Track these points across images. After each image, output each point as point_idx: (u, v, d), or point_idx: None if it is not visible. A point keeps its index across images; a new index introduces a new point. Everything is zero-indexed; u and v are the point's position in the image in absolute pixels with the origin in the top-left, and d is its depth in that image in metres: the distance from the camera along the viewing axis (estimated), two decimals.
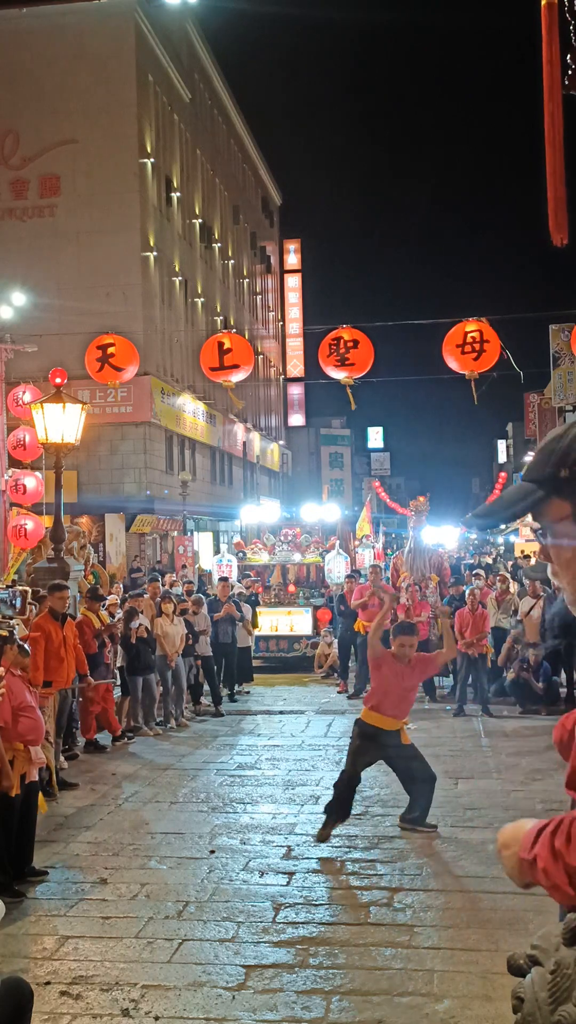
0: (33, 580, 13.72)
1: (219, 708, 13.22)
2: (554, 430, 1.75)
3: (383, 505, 34.59)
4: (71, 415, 12.46)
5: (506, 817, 7.77)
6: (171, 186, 34.14)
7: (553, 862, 1.62)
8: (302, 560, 18.46)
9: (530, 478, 1.74)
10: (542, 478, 1.70)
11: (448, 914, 5.92)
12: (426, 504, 16.74)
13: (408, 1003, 4.81)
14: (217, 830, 7.70)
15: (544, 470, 1.70)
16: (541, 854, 1.65)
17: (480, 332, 12.78)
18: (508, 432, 74.19)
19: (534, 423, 44.51)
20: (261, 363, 46.56)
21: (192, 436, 35.40)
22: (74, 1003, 4.89)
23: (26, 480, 17.02)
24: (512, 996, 1.62)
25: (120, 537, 29.04)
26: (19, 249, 29.59)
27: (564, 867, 1.60)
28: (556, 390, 34.29)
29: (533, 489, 1.72)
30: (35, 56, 30.24)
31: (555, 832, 1.64)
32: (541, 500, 1.71)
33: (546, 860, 1.63)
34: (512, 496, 1.77)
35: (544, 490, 1.70)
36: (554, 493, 1.69)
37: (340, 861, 6.99)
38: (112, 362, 14.48)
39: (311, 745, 10.96)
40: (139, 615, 11.89)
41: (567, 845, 1.61)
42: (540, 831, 1.68)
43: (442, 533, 32.14)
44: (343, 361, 13.24)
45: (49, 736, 8.82)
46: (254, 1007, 4.82)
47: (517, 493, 1.76)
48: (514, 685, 12.84)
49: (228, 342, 13.66)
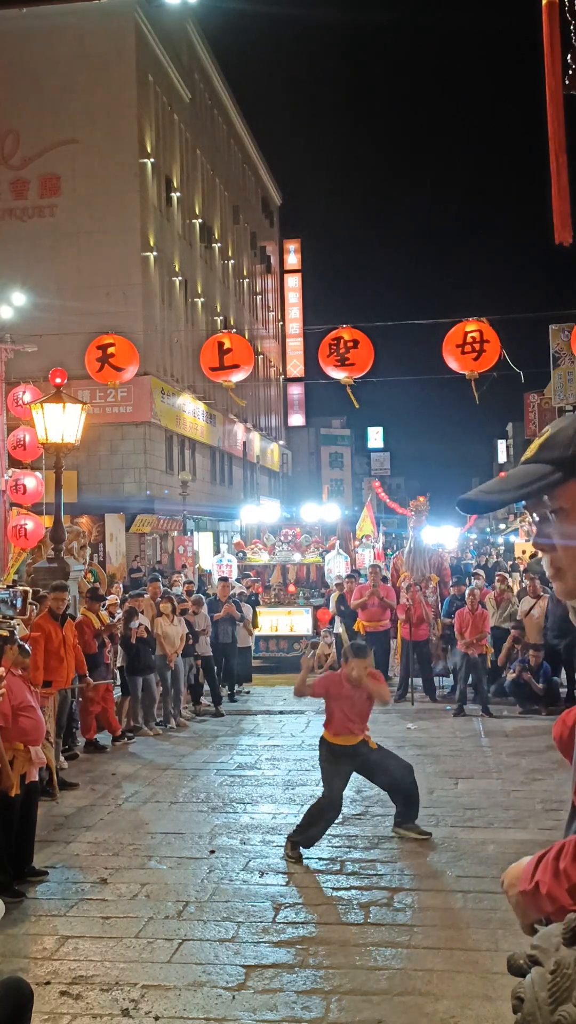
0: (33, 580, 13.71)
1: (219, 708, 13.22)
2: (573, 413, 1.68)
3: (383, 505, 34.54)
4: (71, 415, 12.46)
5: (506, 817, 7.79)
6: (171, 186, 34.14)
7: (557, 884, 1.59)
8: (302, 560, 18.46)
9: (544, 459, 1.63)
10: (561, 458, 1.59)
11: (448, 914, 5.92)
12: (426, 504, 16.73)
13: (408, 1003, 4.81)
14: (217, 830, 7.70)
15: (566, 450, 1.59)
16: (543, 880, 1.62)
17: (480, 332, 12.78)
18: (508, 432, 74.21)
19: (534, 423, 44.53)
20: (261, 363, 46.56)
21: (192, 436, 35.40)
22: (74, 1003, 4.89)
23: (26, 480, 17.02)
24: (512, 996, 1.61)
25: (120, 537, 29.05)
26: (19, 249, 29.60)
27: (569, 887, 1.58)
28: (556, 390, 34.30)
29: (549, 471, 1.60)
30: (35, 56, 30.25)
31: (558, 855, 1.62)
32: (557, 482, 1.60)
33: (549, 884, 1.61)
34: (523, 476, 1.63)
35: (563, 471, 1.59)
36: (573, 476, 1.58)
37: (340, 861, 6.99)
38: (112, 362, 14.48)
39: (311, 745, 10.93)
40: (139, 615, 11.89)
41: (573, 864, 1.59)
42: (539, 860, 1.66)
43: (442, 533, 32.11)
44: (343, 361, 13.23)
45: (49, 736, 8.82)
46: (254, 1007, 4.82)
47: (530, 473, 1.62)
48: (514, 685, 12.83)
49: (228, 342, 13.65)
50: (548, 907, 1.62)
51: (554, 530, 1.65)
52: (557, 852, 1.63)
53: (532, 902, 1.66)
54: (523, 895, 1.68)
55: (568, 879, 1.59)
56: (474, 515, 25.54)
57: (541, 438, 1.66)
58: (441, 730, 11.69)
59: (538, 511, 1.67)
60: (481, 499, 1.71)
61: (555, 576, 1.69)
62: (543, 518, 1.67)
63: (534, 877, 1.65)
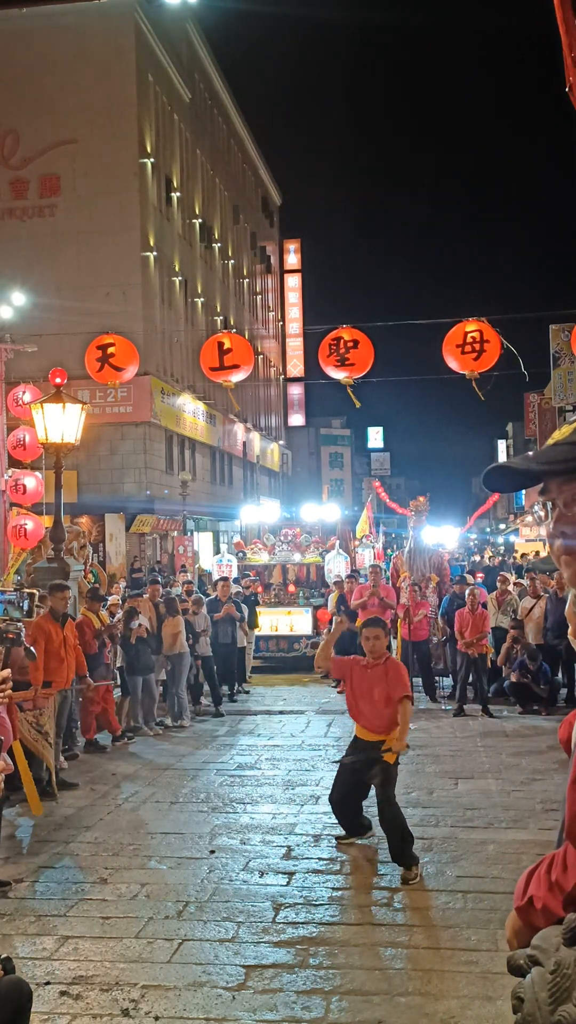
0: (33, 580, 13.71)
1: (219, 708, 13.22)
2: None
3: (383, 505, 34.50)
4: (71, 415, 12.46)
5: (506, 817, 7.78)
6: (171, 186, 34.13)
7: (552, 896, 1.59)
8: (302, 560, 18.46)
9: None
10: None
11: (448, 914, 5.92)
12: (426, 504, 16.73)
13: (408, 1003, 4.80)
14: (217, 830, 7.70)
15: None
16: (537, 894, 1.62)
17: (480, 332, 12.76)
18: (508, 432, 74.20)
19: (534, 423, 44.55)
20: (261, 363, 46.55)
21: (192, 436, 35.40)
22: (74, 1003, 4.89)
23: (26, 480, 17.00)
24: (512, 996, 1.61)
25: (120, 537, 29.04)
26: (19, 249, 29.58)
27: (565, 899, 1.58)
28: (556, 390, 34.31)
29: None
30: (35, 56, 30.24)
31: (549, 868, 1.61)
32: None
33: (544, 897, 1.60)
34: (565, 453, 1.56)
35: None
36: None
37: (340, 861, 6.99)
38: (112, 362, 14.46)
39: (311, 745, 10.96)
40: (139, 615, 11.89)
41: (564, 874, 1.58)
42: (530, 876, 1.66)
43: (442, 533, 32.11)
44: (343, 361, 13.22)
45: (49, 737, 8.82)
46: (254, 1007, 4.82)
47: (571, 451, 1.55)
48: (514, 686, 12.84)
49: (228, 342, 13.64)
50: (542, 922, 1.61)
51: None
52: (548, 865, 1.62)
53: (526, 918, 1.65)
54: (517, 912, 1.67)
55: (562, 890, 1.58)
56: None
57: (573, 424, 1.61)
58: (441, 730, 11.69)
59: (565, 495, 1.61)
60: (520, 467, 1.62)
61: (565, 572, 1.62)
62: (569, 502, 1.60)
63: (526, 893, 1.64)
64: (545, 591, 13.79)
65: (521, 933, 1.67)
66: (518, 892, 1.66)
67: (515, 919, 1.70)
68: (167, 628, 12.35)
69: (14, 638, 7.33)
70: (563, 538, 1.62)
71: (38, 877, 6.74)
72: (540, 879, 1.62)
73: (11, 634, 7.21)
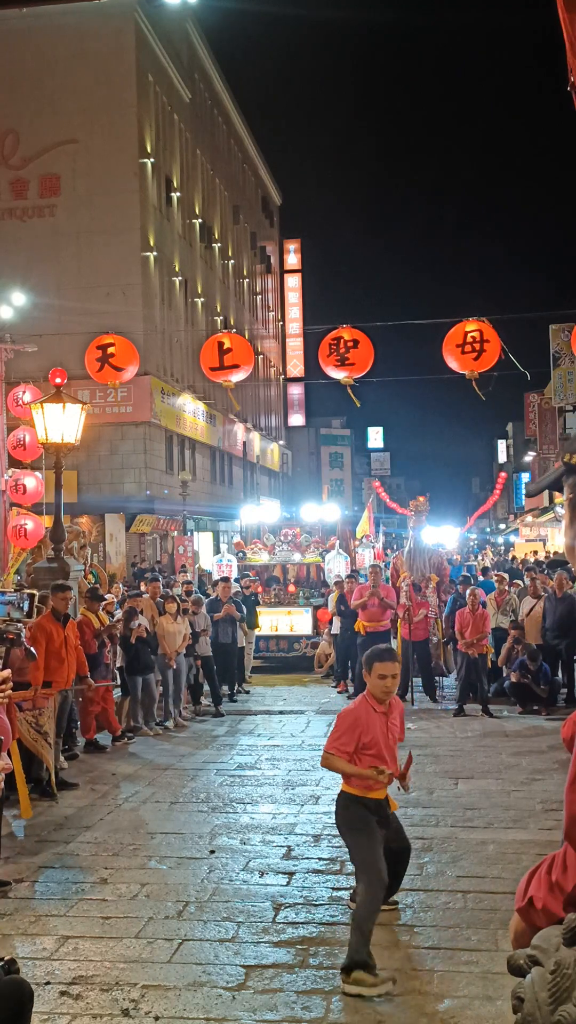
0: (33, 580, 13.70)
1: (219, 708, 13.22)
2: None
3: (383, 505, 34.57)
4: (71, 415, 12.46)
5: (506, 817, 7.78)
6: (171, 186, 34.14)
7: (552, 897, 1.59)
8: (302, 560, 18.46)
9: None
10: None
11: (448, 914, 5.92)
12: (426, 504, 16.71)
13: (408, 1003, 4.80)
14: (217, 830, 7.70)
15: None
16: (537, 895, 1.62)
17: (480, 332, 12.76)
18: (508, 432, 74.19)
19: (534, 423, 44.52)
20: (261, 363, 46.56)
21: (192, 436, 35.40)
22: (74, 1003, 4.89)
23: (26, 480, 16.99)
24: (512, 996, 1.61)
25: (120, 537, 29.05)
26: (19, 249, 29.59)
27: (565, 899, 1.58)
28: (556, 390, 34.31)
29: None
30: (35, 56, 30.25)
31: (550, 869, 1.62)
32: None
33: (544, 898, 1.60)
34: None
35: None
36: None
37: (340, 861, 6.98)
38: (112, 362, 14.47)
39: (311, 745, 10.95)
40: (139, 615, 11.89)
41: (564, 874, 1.58)
42: (530, 877, 1.66)
43: (442, 533, 32.13)
44: (343, 361, 13.22)
45: (49, 737, 8.82)
46: (254, 1007, 4.82)
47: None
48: (514, 686, 12.84)
49: (228, 342, 13.64)
50: (543, 923, 1.61)
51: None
52: (548, 866, 1.63)
53: (527, 919, 1.65)
54: (519, 913, 1.68)
55: (563, 891, 1.59)
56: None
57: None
58: (441, 730, 11.70)
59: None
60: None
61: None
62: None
63: (527, 894, 1.64)
64: (544, 591, 13.80)
65: (522, 934, 1.68)
66: (519, 893, 1.66)
67: (517, 920, 1.70)
68: (178, 627, 12.36)
69: (14, 638, 7.33)
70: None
71: (38, 877, 6.74)
72: (541, 880, 1.63)
73: (11, 634, 7.21)
